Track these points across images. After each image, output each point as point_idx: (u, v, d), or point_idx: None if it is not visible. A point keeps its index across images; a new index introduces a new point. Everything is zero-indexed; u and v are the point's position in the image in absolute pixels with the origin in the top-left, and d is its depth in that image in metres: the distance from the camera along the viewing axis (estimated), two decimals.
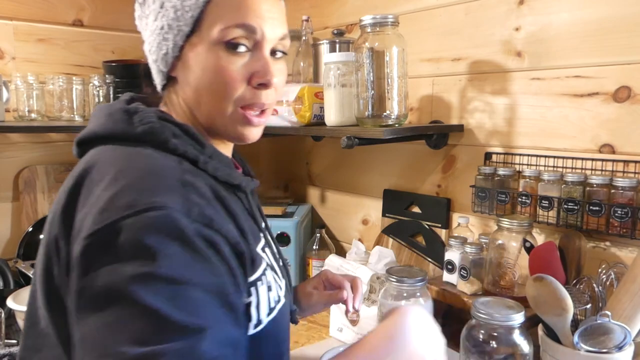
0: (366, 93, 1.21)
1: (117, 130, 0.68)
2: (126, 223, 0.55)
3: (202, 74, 0.69)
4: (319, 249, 1.61)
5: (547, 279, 0.90)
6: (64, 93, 1.50)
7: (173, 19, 0.68)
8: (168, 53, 0.70)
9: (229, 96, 0.69)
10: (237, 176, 0.74)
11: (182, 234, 0.57)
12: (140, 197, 0.57)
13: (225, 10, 0.67)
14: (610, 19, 1.07)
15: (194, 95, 0.71)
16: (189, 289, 0.56)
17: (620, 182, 1.01)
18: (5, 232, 1.60)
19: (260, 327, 0.70)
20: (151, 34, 0.71)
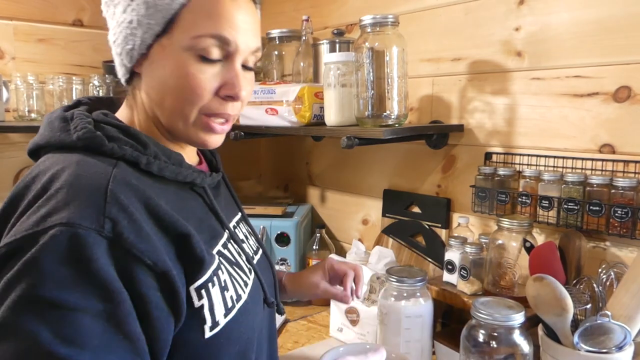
0: (366, 93, 1.21)
1: (54, 139, 0.67)
2: (31, 239, 0.55)
3: (169, 76, 0.67)
4: (319, 249, 1.61)
5: (547, 279, 0.91)
6: (64, 93, 1.50)
7: (144, 15, 0.65)
8: (134, 49, 0.67)
9: (194, 103, 0.68)
10: (188, 173, 0.71)
11: (82, 255, 0.55)
12: (53, 213, 0.56)
13: (200, 18, 0.65)
14: (610, 19, 1.07)
15: (158, 96, 0.69)
16: (76, 315, 0.53)
17: (620, 182, 1.01)
18: None
19: (217, 328, 0.68)
20: (118, 25, 0.68)
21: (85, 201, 0.58)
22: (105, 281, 0.55)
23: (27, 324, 0.52)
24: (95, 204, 0.58)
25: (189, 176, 0.71)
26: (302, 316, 1.50)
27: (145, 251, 0.59)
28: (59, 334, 0.52)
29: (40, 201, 0.58)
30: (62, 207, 0.57)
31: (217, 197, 0.79)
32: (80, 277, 0.54)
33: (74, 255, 0.55)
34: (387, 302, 1.12)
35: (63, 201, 0.57)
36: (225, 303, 0.70)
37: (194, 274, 0.65)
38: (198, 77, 0.67)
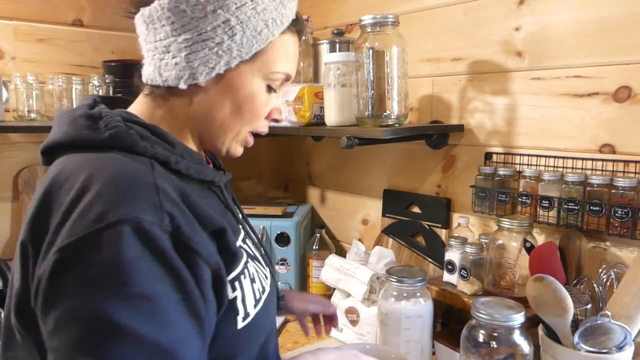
0: (366, 93, 1.21)
1: (82, 137, 0.66)
2: (97, 237, 0.55)
3: (239, 98, 0.72)
4: (319, 249, 1.61)
5: (548, 279, 0.90)
6: (64, 93, 1.50)
7: (238, 43, 0.69)
8: (214, 69, 0.69)
9: (251, 124, 0.76)
10: (210, 172, 0.74)
11: (155, 247, 0.57)
12: (111, 209, 0.56)
13: (280, 56, 0.74)
14: (610, 19, 1.07)
15: (218, 111, 0.73)
16: (162, 304, 0.56)
17: (620, 182, 1.01)
18: (5, 232, 1.60)
19: (248, 319, 0.71)
20: (199, 37, 0.67)
21: (140, 196, 0.59)
22: (179, 271, 0.59)
23: (127, 321, 0.53)
24: (150, 199, 0.59)
25: (209, 175, 0.74)
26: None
27: (201, 244, 0.62)
28: (157, 324, 0.55)
29: (87, 199, 0.57)
30: (118, 203, 0.57)
31: (228, 195, 0.82)
32: (159, 269, 0.57)
33: (149, 248, 0.56)
34: (387, 302, 1.12)
35: (117, 197, 0.57)
36: (254, 294, 0.73)
37: (229, 267, 0.68)
38: (264, 104, 0.76)
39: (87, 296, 0.54)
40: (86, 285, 0.54)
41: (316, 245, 1.62)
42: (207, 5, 0.66)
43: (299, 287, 1.63)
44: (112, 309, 0.53)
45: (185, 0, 0.66)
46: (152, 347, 0.54)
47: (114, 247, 0.54)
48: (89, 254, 0.55)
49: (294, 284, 1.61)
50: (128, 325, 0.53)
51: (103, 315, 0.53)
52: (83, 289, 0.54)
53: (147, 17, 0.69)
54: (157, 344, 0.55)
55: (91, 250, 0.55)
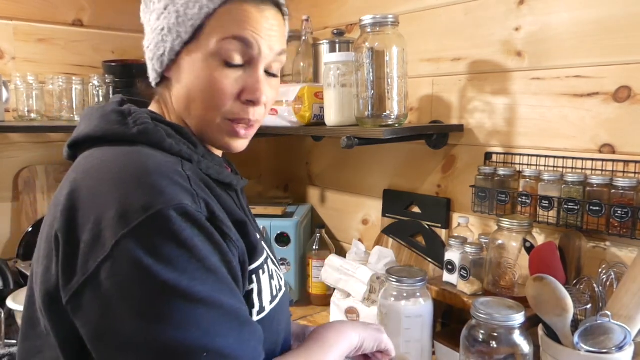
0: (366, 93, 1.21)
1: (112, 132, 0.68)
2: (151, 224, 0.57)
3: (195, 81, 0.70)
4: (319, 249, 1.61)
5: (547, 279, 0.90)
6: (64, 93, 1.50)
7: (174, 23, 0.69)
8: (164, 55, 0.71)
9: (217, 108, 0.71)
10: (228, 175, 0.75)
11: (202, 227, 0.61)
12: (155, 197, 0.58)
13: (226, 23, 0.68)
14: (610, 19, 1.07)
15: (185, 101, 0.72)
16: (222, 275, 0.62)
17: (620, 182, 1.01)
18: (5, 232, 1.60)
19: (263, 314, 0.72)
20: (152, 32, 0.72)
21: (177, 185, 0.61)
22: (225, 248, 0.64)
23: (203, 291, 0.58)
24: (184, 187, 0.62)
25: (228, 177, 0.75)
26: (302, 316, 1.50)
27: (231, 229, 0.66)
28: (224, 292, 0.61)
29: (128, 189, 0.59)
30: (160, 191, 0.59)
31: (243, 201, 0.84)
32: (210, 245, 0.61)
33: (198, 228, 0.60)
34: (387, 302, 1.12)
35: (158, 185, 0.60)
36: (272, 290, 0.75)
37: (250, 258, 0.70)
38: (221, 82, 0.69)
39: (162, 277, 0.56)
40: (157, 268, 0.56)
41: (316, 245, 1.62)
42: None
43: (299, 287, 1.63)
44: (189, 283, 0.57)
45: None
46: (230, 312, 0.60)
47: (170, 230, 0.57)
48: (149, 241, 0.56)
49: (294, 284, 1.61)
50: (206, 295, 0.58)
51: (183, 292, 0.56)
52: (155, 272, 0.56)
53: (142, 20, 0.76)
54: (232, 309, 0.61)
55: (149, 236, 0.57)
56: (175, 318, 0.56)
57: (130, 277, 0.56)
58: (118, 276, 0.56)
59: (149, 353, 0.55)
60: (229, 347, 0.58)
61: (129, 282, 0.56)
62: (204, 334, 0.57)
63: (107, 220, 0.57)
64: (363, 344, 0.82)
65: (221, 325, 0.59)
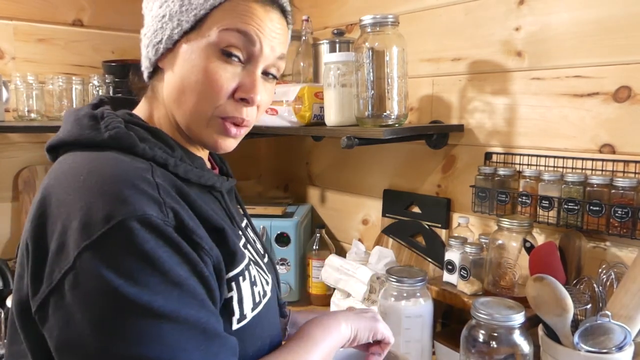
0: (366, 93, 1.21)
1: (84, 137, 0.66)
2: (111, 236, 0.55)
3: (190, 71, 0.67)
4: (319, 249, 1.61)
5: (547, 279, 0.90)
6: (64, 93, 1.50)
7: (177, 11, 0.67)
8: (161, 42, 0.69)
9: (211, 101, 0.68)
10: (210, 177, 0.73)
11: (167, 238, 0.58)
12: (117, 207, 0.56)
13: (230, 15, 0.67)
14: (610, 19, 1.07)
15: (176, 92, 0.69)
16: (189, 288, 0.59)
17: (620, 182, 1.01)
18: (5, 232, 1.60)
19: (244, 321, 0.70)
20: (152, 19, 0.70)
21: (142, 193, 0.59)
22: (194, 258, 0.61)
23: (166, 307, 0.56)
24: (152, 196, 0.60)
25: (210, 179, 0.73)
26: None
27: (203, 237, 0.63)
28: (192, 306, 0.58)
29: (90, 199, 0.57)
30: (123, 201, 0.57)
31: (230, 202, 0.81)
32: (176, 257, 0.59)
33: (163, 239, 0.58)
34: (387, 302, 1.12)
35: (121, 195, 0.57)
36: (254, 297, 0.73)
37: (227, 266, 0.68)
38: (218, 74, 0.67)
39: (122, 291, 0.54)
40: (118, 282, 0.54)
41: (316, 245, 1.62)
42: None
43: (299, 287, 1.63)
44: (150, 297, 0.55)
45: None
46: (196, 326, 0.58)
47: (131, 242, 0.55)
48: (110, 254, 0.55)
49: (294, 284, 1.61)
50: (169, 309, 0.56)
51: (143, 307, 0.54)
52: (116, 286, 0.54)
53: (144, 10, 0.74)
54: (198, 323, 0.58)
55: (111, 250, 0.55)
56: (137, 334, 0.54)
57: (91, 291, 0.54)
58: (80, 288, 0.55)
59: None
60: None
61: (90, 295, 0.54)
62: (167, 350, 0.55)
63: (71, 230, 0.56)
64: (357, 334, 0.80)
65: (186, 341, 0.57)
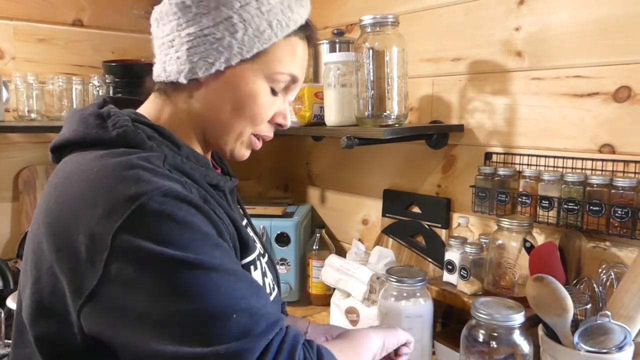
0: (366, 93, 1.21)
1: (91, 135, 0.67)
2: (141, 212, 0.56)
3: (241, 96, 0.72)
4: (319, 249, 1.61)
5: (547, 279, 0.90)
6: (64, 93, 1.50)
7: (239, 40, 0.69)
8: (214, 64, 0.69)
9: (254, 126, 0.75)
10: (215, 176, 0.75)
11: (196, 206, 0.61)
12: (139, 187, 0.58)
13: (285, 56, 0.73)
14: (610, 19, 1.07)
15: (218, 109, 0.73)
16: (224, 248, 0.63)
17: (620, 182, 1.01)
18: (5, 232, 1.60)
19: None
20: (199, 31, 0.69)
21: (162, 175, 0.61)
22: (221, 226, 0.65)
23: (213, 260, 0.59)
24: (171, 177, 0.63)
25: (214, 178, 0.74)
26: (302, 316, 1.50)
27: (221, 215, 0.67)
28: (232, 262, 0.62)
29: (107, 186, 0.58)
30: (145, 181, 0.59)
31: (232, 202, 0.82)
32: (208, 223, 0.62)
33: (193, 207, 0.61)
34: (387, 302, 1.12)
35: (140, 177, 0.59)
36: (265, 287, 0.75)
37: (241, 253, 0.71)
38: (267, 105, 0.75)
39: (168, 254, 0.56)
40: (160, 249, 0.55)
41: (316, 245, 1.62)
42: (212, 2, 0.68)
43: (299, 287, 1.63)
44: (194, 256, 0.57)
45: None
46: (244, 277, 0.61)
47: (163, 213, 0.57)
48: (144, 228, 0.56)
49: (294, 284, 1.61)
50: (216, 263, 0.58)
51: (191, 263, 0.56)
52: (160, 253, 0.55)
53: (158, 14, 0.72)
54: (245, 275, 0.62)
55: (143, 223, 0.56)
56: (193, 289, 0.56)
57: (137, 265, 0.56)
58: (126, 267, 0.56)
59: (178, 328, 0.55)
60: (255, 306, 0.59)
61: (137, 269, 0.56)
62: (227, 298, 0.57)
63: (98, 219, 0.57)
64: (384, 342, 0.82)
65: (241, 289, 0.59)
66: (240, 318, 0.56)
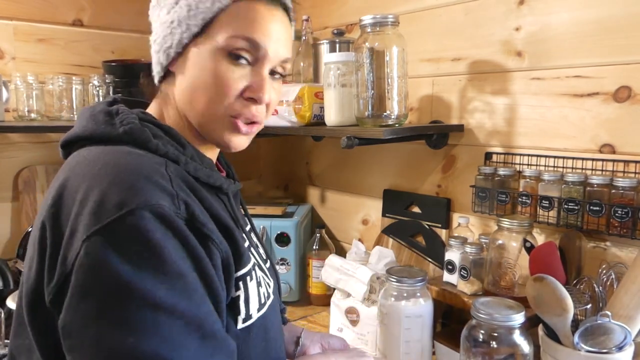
0: (366, 93, 1.21)
1: (99, 132, 0.68)
2: (122, 223, 0.56)
3: (200, 74, 0.70)
4: (319, 249, 1.61)
5: (548, 279, 0.90)
6: (64, 93, 1.50)
7: (184, 16, 0.69)
8: (171, 47, 0.71)
9: (220, 101, 0.71)
10: (218, 178, 0.74)
11: (175, 230, 0.59)
12: (130, 196, 0.58)
13: (237, 21, 0.69)
14: (610, 19, 1.07)
15: (188, 94, 0.72)
16: (191, 281, 0.60)
17: (620, 182, 1.01)
18: (5, 232, 1.60)
19: (249, 321, 0.71)
20: (160, 25, 0.72)
21: (156, 185, 0.61)
22: (200, 254, 0.62)
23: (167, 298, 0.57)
24: (164, 187, 0.62)
25: (218, 180, 0.74)
26: (302, 316, 1.50)
27: (213, 230, 0.65)
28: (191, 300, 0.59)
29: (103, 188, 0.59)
30: (136, 190, 0.59)
31: (236, 205, 0.82)
32: (182, 250, 0.60)
33: (171, 231, 0.59)
34: (387, 302, 1.12)
35: (134, 185, 0.59)
36: (260, 298, 0.74)
37: (236, 265, 0.69)
38: (226, 76, 0.70)
39: (125, 277, 0.55)
40: (122, 268, 0.55)
41: (316, 245, 1.62)
42: None
43: (299, 287, 1.63)
44: (152, 287, 0.56)
45: None
46: (192, 322, 0.58)
47: (141, 230, 0.57)
48: (118, 240, 0.56)
49: (294, 284, 1.61)
50: (169, 302, 0.56)
51: (143, 296, 0.55)
52: (119, 272, 0.55)
53: (150, 16, 0.75)
54: (195, 319, 0.58)
55: (119, 236, 0.56)
56: (134, 323, 0.55)
57: (96, 275, 0.55)
58: (86, 273, 0.56)
59: (104, 355, 0.54)
60: (187, 358, 0.56)
61: (94, 279, 0.55)
62: (162, 342, 0.55)
63: (83, 216, 0.58)
64: None
65: (182, 336, 0.57)
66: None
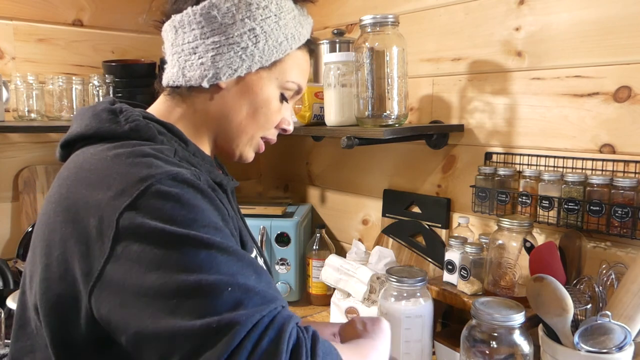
0: (366, 93, 1.21)
1: (104, 129, 0.69)
2: (148, 192, 0.58)
3: (257, 100, 0.78)
4: (319, 249, 1.61)
5: (548, 279, 0.90)
6: (64, 93, 1.50)
7: (260, 50, 0.75)
8: (236, 71, 0.75)
9: (264, 130, 0.82)
10: (218, 174, 0.77)
11: (202, 191, 0.63)
12: (150, 170, 0.60)
13: (296, 67, 0.81)
14: (610, 19, 1.07)
15: (235, 112, 0.78)
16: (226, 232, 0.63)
17: (620, 182, 1.01)
18: (5, 232, 1.60)
19: None
20: (226, 41, 0.74)
21: (172, 163, 0.64)
22: (225, 213, 0.67)
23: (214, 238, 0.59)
24: (181, 165, 0.66)
25: (218, 177, 0.77)
26: (302, 316, 1.50)
27: (227, 207, 0.69)
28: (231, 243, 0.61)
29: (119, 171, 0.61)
30: (156, 166, 0.61)
31: (233, 202, 0.85)
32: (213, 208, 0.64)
33: (199, 192, 0.62)
34: (387, 302, 1.12)
35: (152, 163, 0.62)
36: None
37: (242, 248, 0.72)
38: (277, 112, 0.82)
39: (167, 231, 0.57)
40: (162, 225, 0.57)
41: (316, 245, 1.62)
42: (237, 14, 0.74)
43: (299, 287, 1.63)
44: (195, 232, 0.58)
45: (217, 7, 0.74)
46: (244, 258, 0.61)
47: (170, 194, 0.59)
48: (149, 207, 0.58)
49: (294, 284, 1.61)
50: (217, 240, 0.59)
51: (192, 238, 0.57)
52: (160, 229, 0.57)
53: (178, 23, 0.76)
54: (246, 256, 0.61)
55: (149, 203, 0.58)
56: (191, 263, 0.56)
57: (140, 242, 0.57)
58: (131, 245, 0.57)
59: (173, 301, 0.55)
60: (251, 284, 0.58)
61: (140, 246, 0.57)
62: (224, 274, 0.57)
63: (107, 201, 0.59)
64: None
65: (239, 267, 0.59)
66: (234, 292, 0.56)
